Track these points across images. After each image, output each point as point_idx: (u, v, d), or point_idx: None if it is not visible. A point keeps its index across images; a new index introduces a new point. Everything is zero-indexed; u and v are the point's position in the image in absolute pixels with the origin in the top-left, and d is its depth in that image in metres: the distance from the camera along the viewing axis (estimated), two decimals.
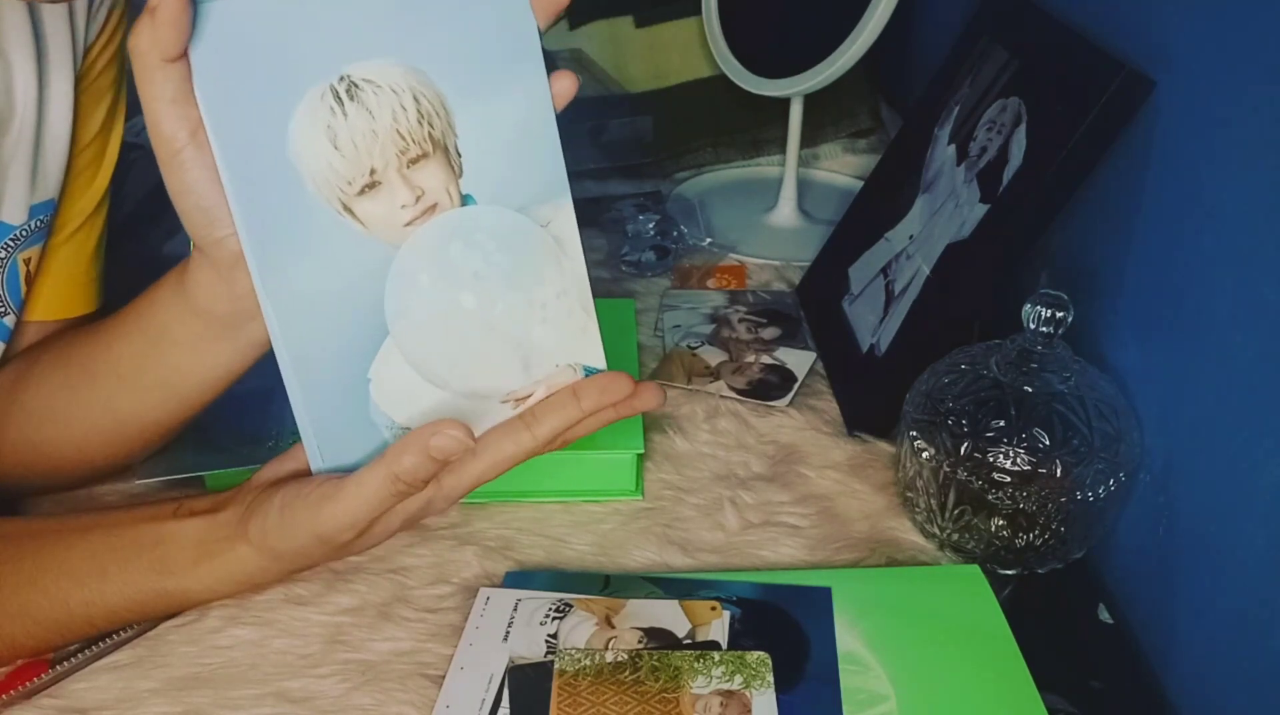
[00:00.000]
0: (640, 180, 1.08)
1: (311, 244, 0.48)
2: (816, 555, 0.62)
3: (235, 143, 0.46)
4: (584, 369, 0.53)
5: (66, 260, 0.64)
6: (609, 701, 0.50)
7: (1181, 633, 0.55)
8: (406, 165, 0.48)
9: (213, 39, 0.44)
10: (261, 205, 0.47)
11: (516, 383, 0.52)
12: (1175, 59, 0.58)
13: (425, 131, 0.48)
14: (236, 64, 0.45)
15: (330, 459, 0.51)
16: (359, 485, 0.49)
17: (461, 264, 0.50)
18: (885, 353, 0.72)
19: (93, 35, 0.62)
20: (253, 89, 0.45)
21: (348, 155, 0.47)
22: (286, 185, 0.47)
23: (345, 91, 0.46)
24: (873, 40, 0.88)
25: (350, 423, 0.51)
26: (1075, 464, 0.57)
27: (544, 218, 0.51)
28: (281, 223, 0.47)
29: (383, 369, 0.50)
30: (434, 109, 0.48)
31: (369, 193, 0.48)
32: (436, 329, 0.51)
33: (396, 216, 0.49)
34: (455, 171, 0.49)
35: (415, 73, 0.47)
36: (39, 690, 0.52)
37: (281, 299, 0.48)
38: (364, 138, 0.47)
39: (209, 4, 0.44)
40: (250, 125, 0.46)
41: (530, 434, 0.51)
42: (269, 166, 0.46)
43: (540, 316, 0.52)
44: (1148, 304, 0.60)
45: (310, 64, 0.46)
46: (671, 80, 1.13)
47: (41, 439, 0.61)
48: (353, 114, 0.47)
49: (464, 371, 0.51)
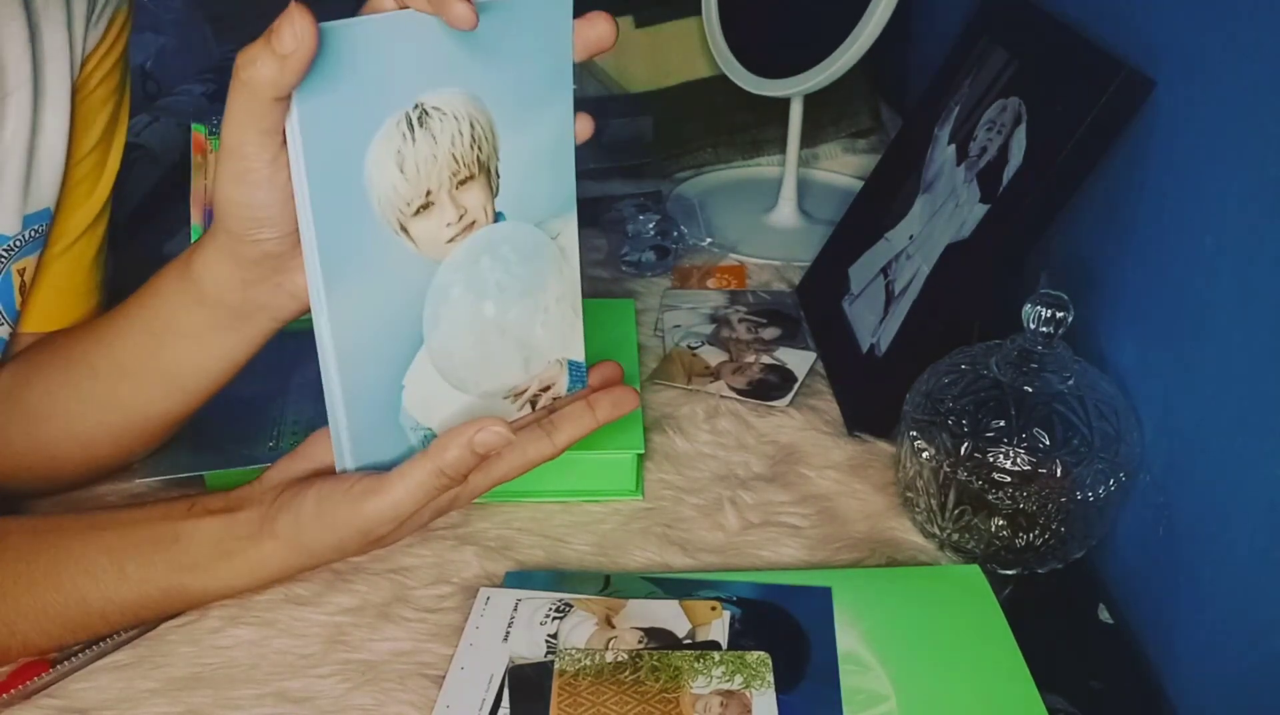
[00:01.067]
0: (640, 180, 1.08)
1: (371, 263, 0.49)
2: (816, 555, 0.62)
3: (321, 171, 0.46)
4: (568, 362, 0.58)
5: (64, 271, 0.64)
6: (609, 701, 0.50)
7: (1181, 633, 0.55)
8: (455, 187, 0.50)
9: (314, 68, 0.44)
10: (337, 230, 0.47)
11: (518, 379, 0.56)
12: (1175, 59, 0.58)
13: (475, 155, 0.50)
14: (330, 94, 0.45)
15: (359, 459, 0.53)
16: (404, 479, 0.50)
17: (488, 276, 0.53)
18: (885, 353, 0.72)
19: (91, 44, 0.62)
20: (342, 119, 0.46)
21: (410, 179, 0.48)
22: (359, 208, 0.48)
23: (418, 119, 0.48)
24: (873, 40, 0.88)
25: (382, 427, 0.53)
26: (1075, 464, 0.57)
27: (554, 230, 0.55)
28: (351, 243, 0.48)
29: (415, 375, 0.52)
30: (485, 133, 0.50)
31: (423, 213, 0.49)
32: (461, 336, 0.53)
33: (442, 234, 0.50)
34: (493, 191, 0.51)
35: (475, 100, 0.49)
36: (39, 690, 0.52)
37: (341, 312, 0.49)
38: (426, 162, 0.48)
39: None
40: (336, 152, 0.46)
41: (550, 442, 0.55)
42: (347, 193, 0.47)
43: (542, 319, 0.56)
44: (1148, 304, 0.60)
45: (392, 93, 0.47)
46: (671, 80, 1.13)
47: (45, 439, 0.61)
48: (420, 140, 0.48)
49: (480, 374, 0.54)
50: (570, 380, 0.58)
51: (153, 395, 0.59)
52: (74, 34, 0.60)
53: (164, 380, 0.58)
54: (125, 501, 0.65)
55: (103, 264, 0.67)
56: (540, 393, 0.57)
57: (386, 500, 0.50)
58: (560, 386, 0.58)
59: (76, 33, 0.60)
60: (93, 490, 0.65)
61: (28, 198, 0.59)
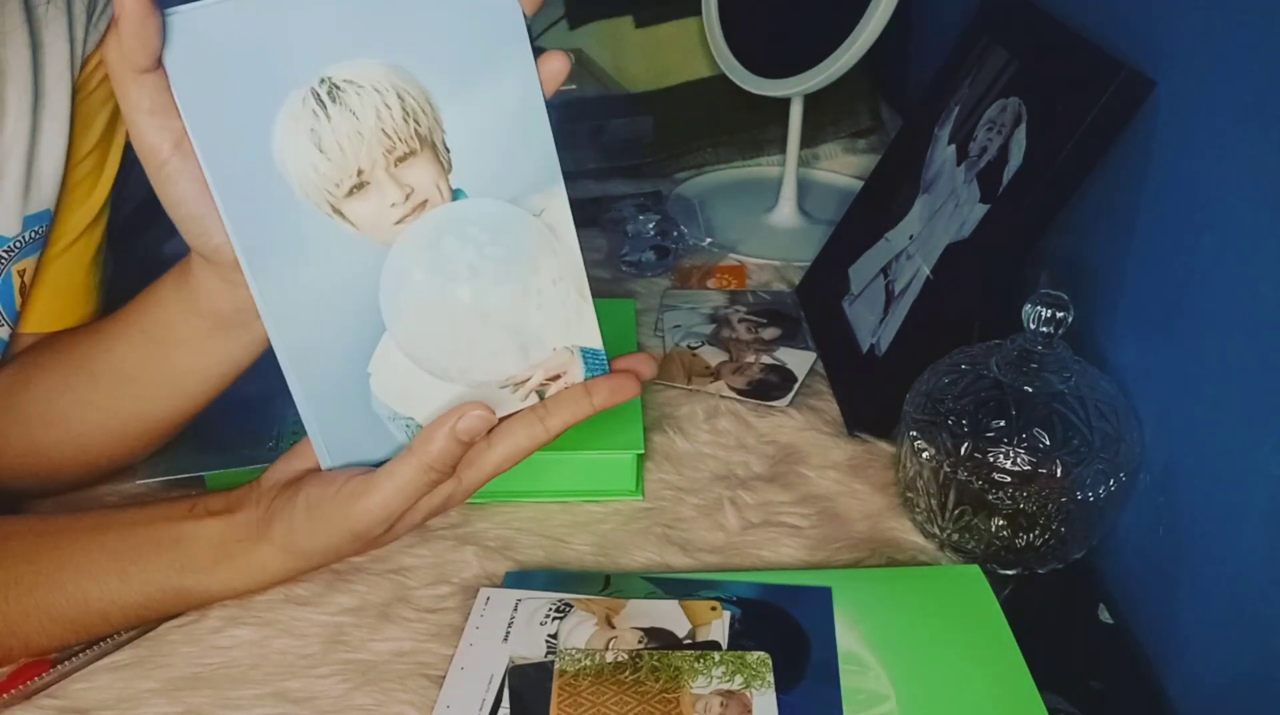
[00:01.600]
0: (640, 180, 1.08)
1: (304, 248, 0.48)
2: (816, 555, 0.62)
3: (219, 152, 0.45)
4: (580, 350, 0.53)
5: (63, 271, 0.64)
6: (609, 701, 0.50)
7: (1181, 633, 0.55)
8: (394, 164, 0.48)
9: (187, 48, 0.44)
10: (251, 213, 0.47)
11: (516, 368, 0.53)
12: (1175, 59, 0.58)
13: (411, 129, 0.48)
14: (214, 73, 0.44)
15: (338, 456, 0.52)
16: (391, 477, 0.50)
17: (455, 258, 0.50)
18: (885, 353, 0.72)
19: (92, 45, 0.62)
20: (233, 97, 0.45)
21: (333, 158, 0.47)
22: (274, 191, 0.46)
23: (327, 94, 0.46)
24: (873, 40, 0.88)
25: (354, 418, 0.51)
26: (1075, 464, 0.57)
27: (537, 206, 0.51)
28: (272, 229, 0.47)
29: (382, 363, 0.51)
30: (419, 106, 0.48)
31: (357, 193, 0.48)
32: (432, 323, 0.51)
33: (386, 215, 0.48)
34: (444, 167, 0.49)
35: (397, 70, 0.47)
36: (39, 690, 0.52)
37: (277, 303, 0.48)
38: (349, 139, 0.47)
39: (181, 14, 0.44)
40: (233, 133, 0.45)
41: (543, 426, 0.52)
42: (255, 174, 0.46)
43: (536, 303, 0.52)
44: (1148, 304, 0.60)
45: (289, 69, 0.45)
46: (671, 80, 1.13)
47: (44, 442, 0.61)
48: (336, 116, 0.46)
49: (461, 362, 0.52)
50: (588, 368, 0.54)
51: (152, 400, 0.59)
52: (74, 35, 0.60)
53: (164, 385, 0.58)
54: (126, 502, 0.65)
55: (102, 264, 0.67)
56: (548, 382, 0.54)
57: (374, 500, 0.50)
58: (574, 375, 0.54)
59: (77, 34, 0.60)
60: (93, 490, 0.65)
61: (28, 199, 0.59)
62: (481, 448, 0.52)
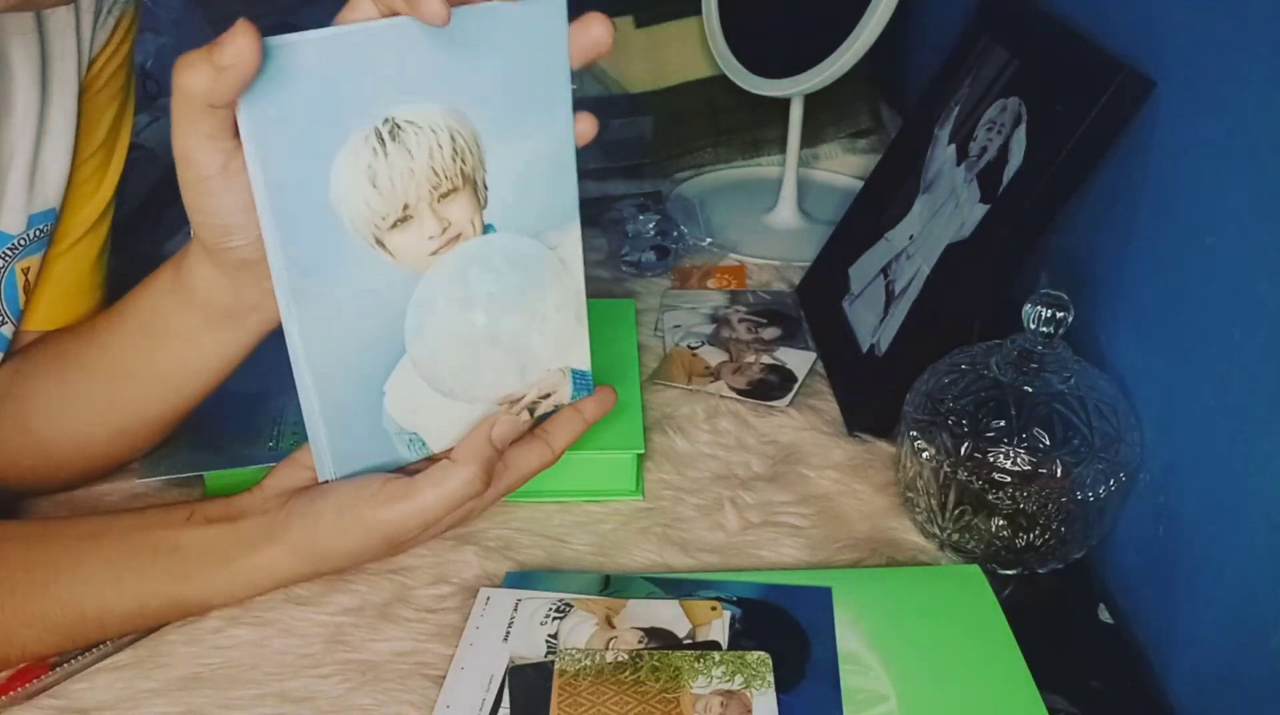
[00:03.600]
0: (640, 180, 1.08)
1: (342, 275, 0.48)
2: (817, 555, 0.62)
3: (278, 184, 0.45)
4: (571, 371, 0.58)
5: (69, 269, 0.64)
6: (609, 701, 0.50)
7: (1181, 633, 0.55)
8: (437, 199, 0.49)
9: (262, 82, 0.43)
10: (299, 242, 0.47)
11: (514, 387, 0.56)
12: (1175, 59, 0.58)
13: (458, 168, 0.49)
14: (285, 108, 0.44)
15: (343, 467, 0.53)
16: (437, 484, 0.52)
17: (477, 287, 0.52)
18: (885, 353, 0.72)
19: (99, 44, 0.62)
20: (299, 133, 0.45)
21: (385, 194, 0.48)
22: (324, 224, 0.47)
23: (389, 133, 0.47)
24: (873, 40, 0.88)
25: (364, 433, 0.53)
26: (1075, 464, 0.57)
27: (554, 242, 0.54)
28: (316, 257, 0.48)
29: (398, 383, 0.52)
30: (467, 146, 0.49)
31: (400, 226, 0.49)
32: (449, 345, 0.53)
33: (424, 247, 0.50)
34: (480, 203, 0.51)
35: (454, 113, 0.48)
36: (39, 692, 0.52)
37: (308, 323, 0.49)
38: (401, 176, 0.48)
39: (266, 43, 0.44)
40: (294, 167, 0.45)
41: (550, 448, 0.57)
42: (309, 206, 0.46)
43: (539, 328, 0.55)
44: (1148, 304, 0.60)
45: (356, 108, 0.46)
46: (671, 80, 1.13)
47: (42, 437, 0.61)
48: (393, 154, 0.47)
49: (469, 381, 0.54)
50: (575, 389, 0.58)
51: (148, 395, 0.59)
52: (81, 34, 0.60)
53: (159, 380, 0.58)
54: (126, 502, 0.65)
55: (105, 263, 0.67)
56: (539, 400, 0.57)
57: (416, 505, 0.51)
58: (562, 394, 0.58)
59: (84, 33, 0.60)
60: (93, 490, 0.65)
61: (32, 197, 0.59)
62: (499, 468, 0.55)
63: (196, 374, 0.58)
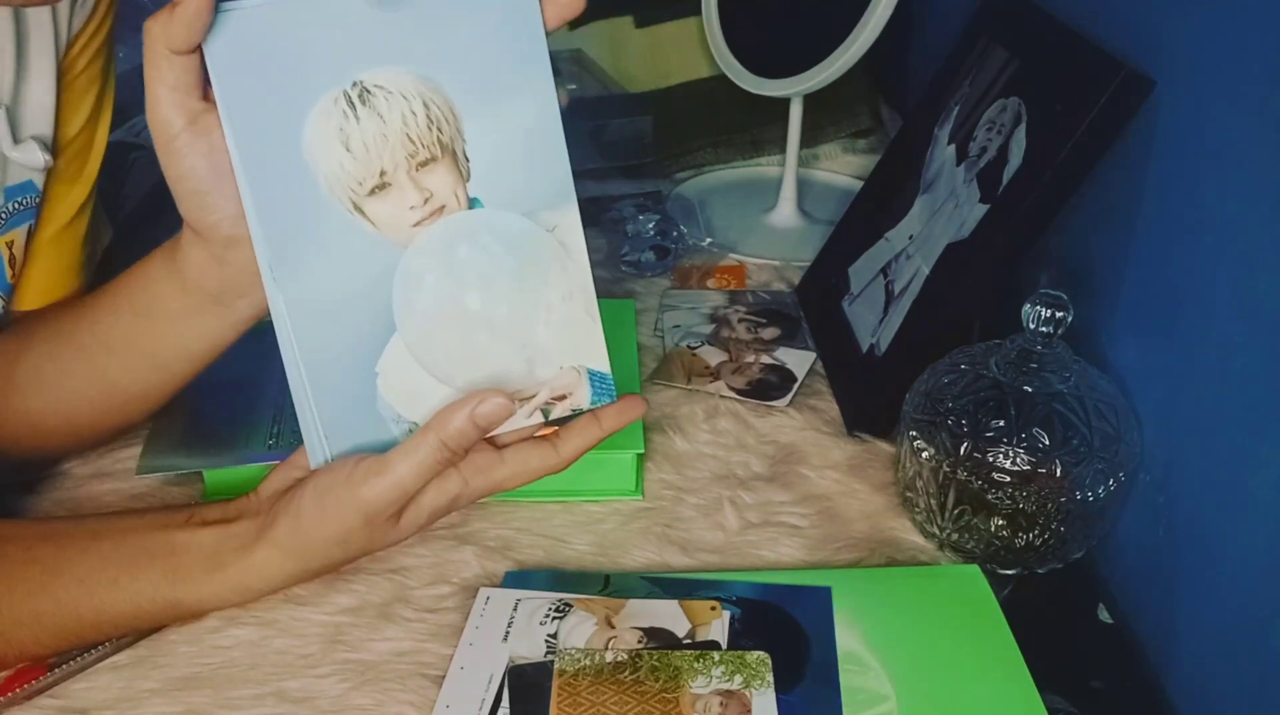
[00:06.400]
0: (640, 180, 1.08)
1: (322, 240, 0.49)
2: (816, 555, 0.62)
3: (252, 142, 0.47)
4: (587, 372, 0.54)
5: (60, 251, 0.65)
6: (609, 701, 0.50)
7: (1181, 633, 0.55)
8: (416, 168, 0.50)
9: (231, 42, 0.46)
10: (276, 202, 0.48)
11: (521, 383, 0.53)
12: (1175, 59, 0.58)
13: (434, 136, 0.50)
14: (254, 68, 0.46)
15: (335, 448, 0.52)
16: (406, 455, 0.50)
17: (467, 265, 0.51)
18: (885, 353, 0.72)
19: (77, 26, 0.63)
20: (269, 92, 0.47)
21: (359, 157, 0.49)
22: (300, 184, 0.48)
23: (358, 97, 0.48)
24: (873, 40, 0.88)
25: (357, 417, 0.52)
26: (1075, 464, 0.57)
27: (550, 223, 0.52)
28: (294, 219, 0.49)
29: (390, 363, 0.52)
30: (443, 115, 0.50)
31: (379, 193, 0.50)
32: (441, 328, 0.52)
33: (405, 217, 0.50)
34: (463, 175, 0.51)
35: (426, 80, 0.49)
36: (39, 692, 0.52)
37: (291, 291, 0.49)
38: (375, 140, 0.49)
39: (232, 10, 0.46)
40: (266, 126, 0.47)
41: (556, 454, 0.54)
42: (284, 165, 0.48)
43: (544, 318, 0.53)
44: (1148, 304, 0.60)
45: (324, 71, 0.48)
46: (671, 80, 1.13)
47: (31, 409, 0.61)
48: (364, 118, 0.48)
49: (467, 369, 0.53)
50: (594, 393, 0.54)
51: (136, 374, 0.60)
52: (59, 17, 0.61)
53: (147, 360, 0.59)
54: (126, 502, 0.65)
55: (91, 239, 0.68)
56: (554, 401, 0.54)
57: (389, 478, 0.50)
58: (580, 398, 0.54)
59: (61, 16, 0.61)
60: (93, 491, 0.65)
61: (7, 171, 0.59)
62: (493, 458, 0.54)
63: (184, 356, 0.58)
